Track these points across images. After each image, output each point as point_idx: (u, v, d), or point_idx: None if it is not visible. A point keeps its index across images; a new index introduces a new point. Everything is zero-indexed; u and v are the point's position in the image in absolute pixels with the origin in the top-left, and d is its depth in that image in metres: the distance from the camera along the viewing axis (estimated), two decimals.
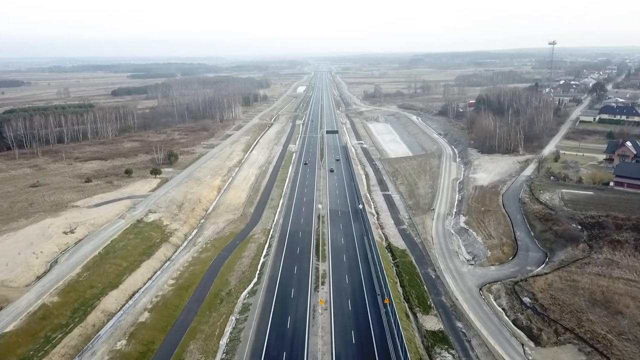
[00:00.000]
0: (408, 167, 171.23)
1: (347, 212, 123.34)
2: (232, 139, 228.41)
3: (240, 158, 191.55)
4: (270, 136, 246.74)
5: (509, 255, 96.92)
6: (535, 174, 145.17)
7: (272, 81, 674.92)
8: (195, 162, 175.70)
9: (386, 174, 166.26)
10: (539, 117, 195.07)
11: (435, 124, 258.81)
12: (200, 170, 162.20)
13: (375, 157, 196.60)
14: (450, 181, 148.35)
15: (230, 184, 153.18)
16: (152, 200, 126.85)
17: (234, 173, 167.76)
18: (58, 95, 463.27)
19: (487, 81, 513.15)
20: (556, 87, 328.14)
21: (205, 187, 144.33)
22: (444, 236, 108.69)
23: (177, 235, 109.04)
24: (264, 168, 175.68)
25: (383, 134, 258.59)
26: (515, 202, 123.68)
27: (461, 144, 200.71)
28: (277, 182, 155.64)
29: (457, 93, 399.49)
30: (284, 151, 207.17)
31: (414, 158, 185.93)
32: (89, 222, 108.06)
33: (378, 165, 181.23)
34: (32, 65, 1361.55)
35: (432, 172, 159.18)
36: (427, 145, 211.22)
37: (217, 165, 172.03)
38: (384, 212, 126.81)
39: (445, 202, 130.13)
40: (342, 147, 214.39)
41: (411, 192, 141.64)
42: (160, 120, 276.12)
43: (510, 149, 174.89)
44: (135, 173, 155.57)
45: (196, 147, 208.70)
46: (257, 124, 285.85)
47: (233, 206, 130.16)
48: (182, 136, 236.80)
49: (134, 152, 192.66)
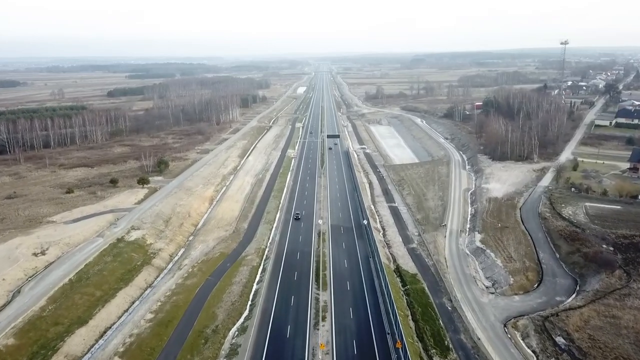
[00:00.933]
0: (415, 175, 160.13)
1: (350, 228, 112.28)
2: (228, 144, 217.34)
3: (235, 165, 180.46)
4: (269, 140, 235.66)
5: (534, 282, 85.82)
6: (554, 184, 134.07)
7: (272, 82, 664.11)
8: (188, 170, 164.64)
9: (391, 183, 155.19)
10: (553, 121, 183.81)
11: (441, 127, 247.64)
12: (191, 179, 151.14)
13: (379, 163, 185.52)
14: (461, 192, 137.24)
15: (224, 195, 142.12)
16: (137, 214, 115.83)
17: (228, 182, 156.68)
18: (52, 96, 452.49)
19: (491, 82, 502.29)
20: (565, 89, 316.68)
21: (196, 199, 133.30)
22: (458, 257, 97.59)
23: (161, 257, 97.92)
24: (260, 176, 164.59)
25: (386, 138, 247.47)
26: (534, 217, 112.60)
27: (470, 150, 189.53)
28: (275, 192, 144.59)
29: (461, 94, 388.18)
30: (283, 157, 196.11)
31: (421, 165, 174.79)
32: (63, 242, 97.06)
33: (382, 172, 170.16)
34: (31, 65, 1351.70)
35: (441, 182, 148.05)
36: (434, 151, 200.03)
37: (210, 173, 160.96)
38: (390, 228, 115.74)
39: (457, 216, 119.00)
40: (344, 153, 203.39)
41: (419, 204, 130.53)
42: (154, 123, 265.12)
43: (524, 156, 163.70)
44: (122, 182, 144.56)
45: (190, 152, 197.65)
46: (255, 126, 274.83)
47: (225, 221, 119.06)
48: (175, 140, 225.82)
49: (123, 158, 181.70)
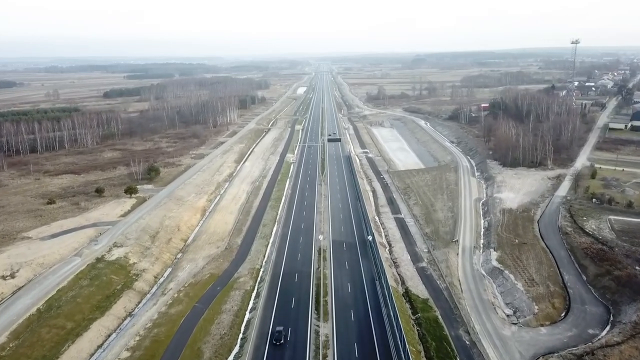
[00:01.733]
0: (421, 182, 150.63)
1: (353, 244, 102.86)
2: (224, 148, 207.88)
3: (231, 171, 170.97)
4: (267, 144, 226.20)
5: (561, 311, 76.34)
6: (572, 194, 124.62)
7: (272, 82, 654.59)
8: (180, 177, 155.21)
9: (396, 191, 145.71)
10: (566, 125, 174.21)
11: (446, 130, 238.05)
12: (183, 188, 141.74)
13: (383, 169, 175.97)
14: (472, 202, 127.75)
15: (217, 205, 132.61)
16: (121, 228, 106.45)
17: (222, 190, 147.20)
18: (47, 97, 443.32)
19: (495, 82, 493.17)
20: (574, 90, 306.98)
21: (187, 210, 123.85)
22: (473, 279, 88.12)
23: (144, 279, 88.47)
24: (257, 183, 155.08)
25: (389, 141, 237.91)
26: (555, 232, 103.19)
27: (478, 155, 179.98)
28: (272, 201, 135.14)
29: (465, 95, 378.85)
30: (281, 162, 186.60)
31: (427, 171, 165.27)
32: (36, 262, 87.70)
33: (386, 179, 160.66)
34: (30, 66, 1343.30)
35: (450, 190, 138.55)
36: (440, 156, 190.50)
37: (204, 181, 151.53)
38: (397, 243, 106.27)
39: (469, 230, 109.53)
40: (345, 157, 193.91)
41: (428, 216, 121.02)
42: (149, 125, 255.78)
43: (537, 162, 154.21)
44: (109, 192, 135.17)
45: (184, 157, 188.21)
46: (253, 129, 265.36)
47: (217, 235, 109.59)
48: (170, 144, 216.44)
49: (113, 164, 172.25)
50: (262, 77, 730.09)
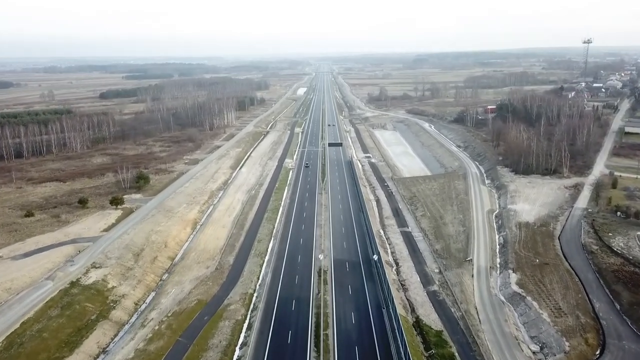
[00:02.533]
0: (428, 191, 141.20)
1: (356, 264, 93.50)
2: (220, 152, 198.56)
3: (226, 178, 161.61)
4: (265, 148, 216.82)
5: (595, 347, 66.89)
6: (594, 206, 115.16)
7: (272, 82, 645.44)
8: (172, 185, 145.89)
9: (402, 201, 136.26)
10: (581, 129, 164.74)
11: (452, 133, 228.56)
12: (174, 197, 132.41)
13: (387, 175, 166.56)
14: (484, 214, 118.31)
15: (210, 217, 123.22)
16: (102, 245, 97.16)
17: (216, 200, 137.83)
18: (42, 98, 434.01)
19: (499, 83, 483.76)
20: (582, 91, 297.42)
21: (176, 223, 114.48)
22: (492, 307, 78.70)
23: (123, 306, 79.08)
24: (253, 192, 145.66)
25: (393, 145, 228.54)
26: (578, 250, 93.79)
27: (487, 160, 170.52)
28: (268, 212, 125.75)
29: (470, 96, 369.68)
30: (279, 168, 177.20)
31: (434, 179, 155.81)
32: (3, 287, 78.42)
33: (391, 187, 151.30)
34: (29, 66, 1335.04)
35: (460, 201, 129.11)
36: (447, 161, 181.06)
37: (196, 190, 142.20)
38: (405, 262, 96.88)
39: (484, 247, 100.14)
40: (347, 162, 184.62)
41: (437, 230, 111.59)
42: (143, 128, 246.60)
43: (551, 169, 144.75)
44: (93, 202, 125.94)
45: (177, 162, 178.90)
46: (251, 132, 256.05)
47: (208, 253, 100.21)
48: (163, 148, 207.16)
49: (101, 170, 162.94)
50: (261, 78, 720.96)
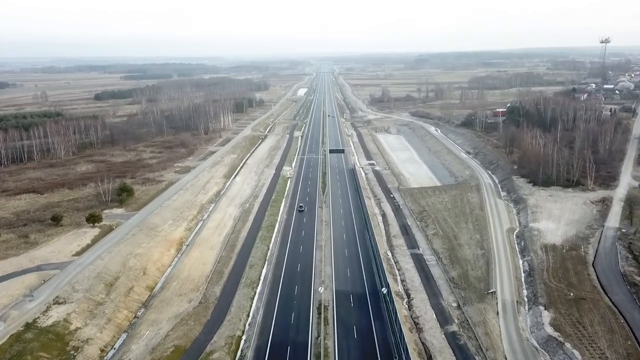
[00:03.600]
0: (439, 204, 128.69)
1: (362, 297, 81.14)
2: (214, 159, 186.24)
3: (219, 188, 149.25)
4: (262, 154, 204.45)
5: None
6: (627, 225, 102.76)
7: (271, 83, 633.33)
8: (158, 197, 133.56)
9: (410, 216, 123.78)
10: (603, 135, 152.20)
11: (460, 138, 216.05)
12: (159, 212, 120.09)
13: (392, 185, 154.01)
14: (504, 234, 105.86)
15: (197, 236, 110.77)
16: (71, 274, 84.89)
17: (205, 215, 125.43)
18: (34, 100, 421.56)
19: (504, 84, 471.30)
20: (601, 93, 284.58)
21: (159, 244, 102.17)
22: (524, 355, 66.17)
23: (86, 355, 66.65)
24: (247, 205, 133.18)
25: (397, 151, 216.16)
26: (618, 280, 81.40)
27: (501, 169, 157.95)
28: (263, 230, 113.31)
29: (476, 98, 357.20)
30: (277, 177, 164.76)
31: (444, 190, 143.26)
32: None
33: (397, 199, 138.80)
34: (29, 66, 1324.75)
35: (475, 217, 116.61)
36: (457, 170, 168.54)
37: (185, 203, 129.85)
38: (418, 293, 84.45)
39: (507, 275, 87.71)
40: (349, 171, 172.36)
41: (452, 253, 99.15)
42: (135, 132, 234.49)
43: (573, 181, 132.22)
44: (69, 218, 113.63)
45: (167, 171, 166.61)
46: (248, 136, 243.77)
47: (192, 282, 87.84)
48: (154, 154, 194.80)
49: (84, 180, 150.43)
50: (261, 78, 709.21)
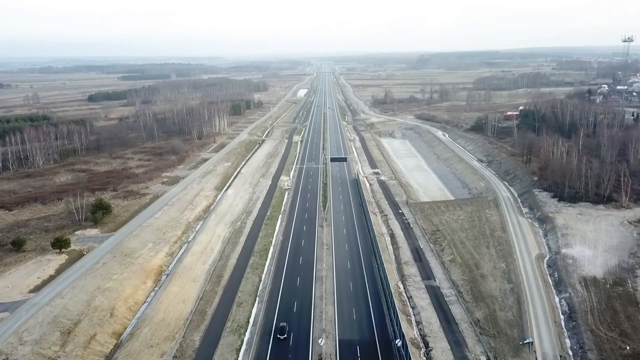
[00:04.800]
0: (454, 223, 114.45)
1: (371, 348, 66.95)
2: (206, 168, 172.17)
3: (208, 203, 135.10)
4: (258, 161, 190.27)
5: None
6: None
7: (271, 83, 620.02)
8: (140, 215, 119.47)
9: (423, 237, 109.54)
10: (634, 144, 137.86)
11: (470, 144, 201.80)
12: (139, 234, 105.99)
13: (400, 199, 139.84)
14: (533, 262, 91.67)
15: (180, 263, 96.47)
16: (20, 319, 70.79)
17: (191, 236, 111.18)
18: (25, 102, 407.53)
19: (511, 84, 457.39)
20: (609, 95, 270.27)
21: (134, 275, 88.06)
22: None
23: None
24: (238, 224, 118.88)
25: (403, 157, 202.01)
26: None
27: (519, 181, 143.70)
28: (255, 256, 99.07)
29: (483, 99, 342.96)
30: (273, 188, 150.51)
31: (459, 205, 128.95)
32: None
33: (407, 215, 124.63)
34: (28, 66, 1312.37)
35: (497, 240, 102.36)
36: (470, 180, 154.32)
37: (169, 221, 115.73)
38: (437, 341, 70.17)
39: (543, 318, 73.45)
40: (352, 181, 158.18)
41: (474, 286, 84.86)
42: (124, 137, 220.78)
43: (604, 196, 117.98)
44: (34, 242, 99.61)
45: (153, 182, 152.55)
46: (244, 141, 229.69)
47: (167, 327, 73.51)
48: (141, 162, 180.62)
49: (60, 193, 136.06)
50: (261, 79, 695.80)
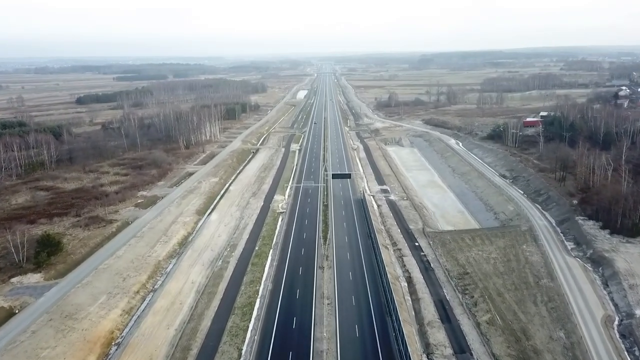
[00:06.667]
0: (484, 263, 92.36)
1: None
2: (189, 185, 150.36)
3: (186, 232, 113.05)
4: (250, 176, 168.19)
5: None
6: None
7: (270, 84, 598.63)
8: (98, 252, 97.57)
9: (448, 283, 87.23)
10: None
11: (488, 155, 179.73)
12: (92, 281, 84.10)
13: (415, 226, 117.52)
14: (600, 329, 69.59)
15: (137, 328, 74.16)
16: None
17: (158, 282, 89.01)
18: (9, 104, 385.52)
19: (521, 86, 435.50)
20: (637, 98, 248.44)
21: (71, 350, 66.11)
22: None
23: None
24: (219, 264, 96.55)
25: (414, 170, 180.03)
26: None
27: (555, 204, 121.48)
28: (235, 316, 76.76)
29: (494, 102, 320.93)
30: (265, 212, 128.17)
31: (487, 237, 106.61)
32: None
33: (425, 250, 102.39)
34: (25, 66, 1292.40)
35: (546, 292, 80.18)
36: (494, 202, 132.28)
37: (134, 261, 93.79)
38: None
39: None
40: (357, 201, 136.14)
41: None
42: (103, 146, 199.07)
43: None
44: None
45: (126, 203, 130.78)
46: (236, 150, 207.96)
47: None
48: (117, 178, 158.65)
49: (9, 220, 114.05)
50: (259, 79, 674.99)
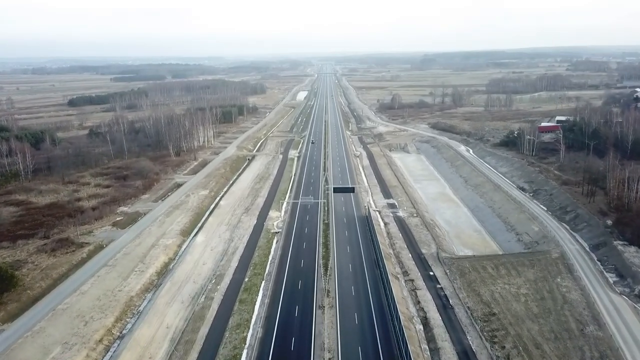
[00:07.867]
0: (514, 301, 78.21)
1: None
2: (176, 198, 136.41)
3: (167, 259, 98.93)
4: (243, 188, 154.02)
5: None
6: None
7: (269, 85, 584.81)
8: (61, 285, 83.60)
9: (472, 327, 73.04)
10: None
11: (503, 164, 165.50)
12: (45, 327, 70.03)
13: (427, 250, 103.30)
14: None
15: None
16: None
17: (127, 328, 74.71)
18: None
19: (528, 87, 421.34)
20: None
21: None
22: None
23: None
24: (201, 301, 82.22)
25: (422, 180, 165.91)
26: None
27: (585, 224, 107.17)
28: None
29: (503, 105, 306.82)
30: (258, 232, 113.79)
31: (512, 265, 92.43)
32: None
33: (441, 280, 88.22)
34: (24, 66, 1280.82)
35: (594, 343, 66.06)
36: (515, 220, 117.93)
37: (100, 298, 79.69)
38: None
39: None
40: (361, 219, 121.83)
41: None
42: (88, 153, 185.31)
43: None
44: None
45: (103, 221, 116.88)
46: (230, 157, 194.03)
47: None
48: (98, 190, 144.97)
49: None
50: (259, 80, 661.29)
